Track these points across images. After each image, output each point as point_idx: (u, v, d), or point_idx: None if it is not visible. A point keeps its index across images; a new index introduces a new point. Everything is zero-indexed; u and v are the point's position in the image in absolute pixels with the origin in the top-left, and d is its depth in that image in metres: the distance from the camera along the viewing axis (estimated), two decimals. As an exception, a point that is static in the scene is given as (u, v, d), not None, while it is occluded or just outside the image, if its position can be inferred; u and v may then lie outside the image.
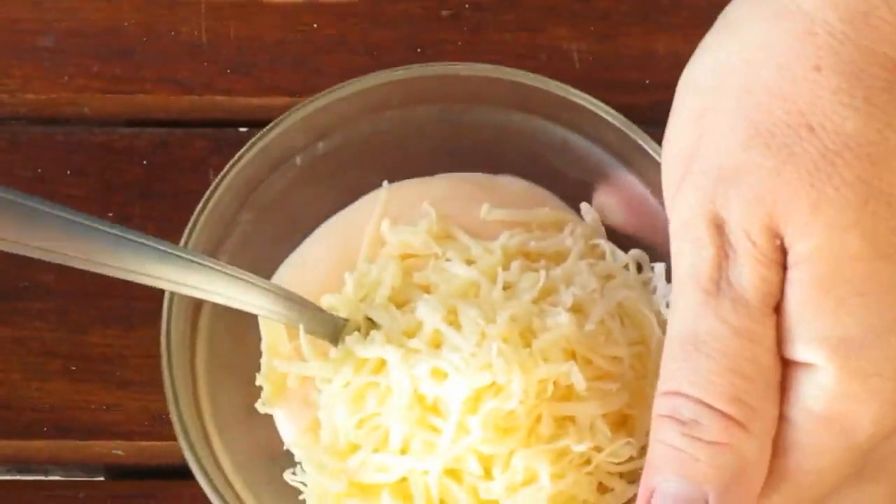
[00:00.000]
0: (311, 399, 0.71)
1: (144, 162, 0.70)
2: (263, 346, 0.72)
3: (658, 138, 0.64)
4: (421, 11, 0.82)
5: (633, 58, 0.82)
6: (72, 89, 0.80)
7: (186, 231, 0.69)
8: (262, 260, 0.72)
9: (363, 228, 0.74)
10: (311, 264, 0.74)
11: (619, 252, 0.72)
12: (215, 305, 0.68)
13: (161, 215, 0.78)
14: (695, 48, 0.60)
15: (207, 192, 0.69)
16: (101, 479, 0.76)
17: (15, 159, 0.79)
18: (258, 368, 0.72)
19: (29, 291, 0.77)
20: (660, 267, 0.71)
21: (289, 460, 0.71)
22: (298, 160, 0.72)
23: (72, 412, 0.76)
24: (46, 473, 0.77)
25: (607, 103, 0.71)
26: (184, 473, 0.74)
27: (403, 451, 0.67)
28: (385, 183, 0.74)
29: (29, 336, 0.76)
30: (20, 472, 0.77)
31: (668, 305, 0.70)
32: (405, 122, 0.73)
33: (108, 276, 0.75)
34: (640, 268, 0.73)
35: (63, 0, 0.80)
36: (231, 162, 0.70)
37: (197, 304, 0.70)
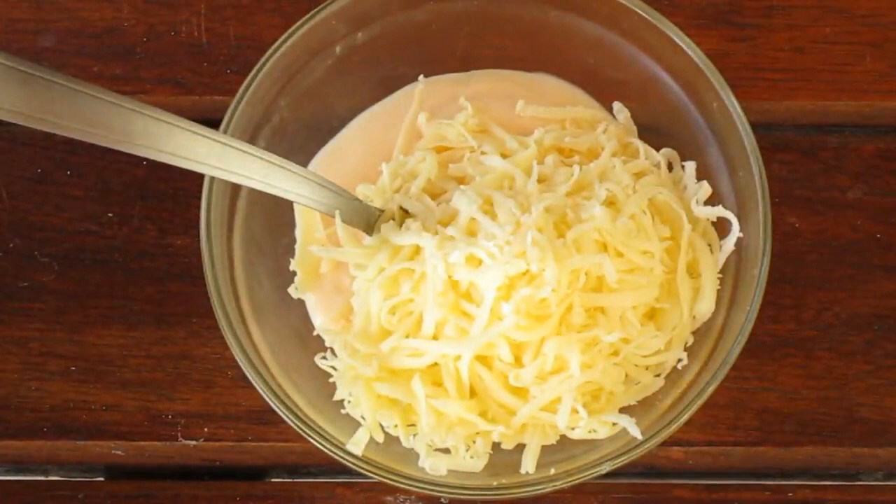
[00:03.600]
0: (343, 285, 0.72)
1: (144, 162, 0.70)
2: (298, 233, 0.73)
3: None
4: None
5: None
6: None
7: (227, 114, 0.69)
8: (297, 148, 0.73)
9: (399, 121, 0.74)
10: (346, 154, 0.74)
11: (652, 150, 0.73)
12: (252, 192, 0.69)
13: (161, 215, 0.78)
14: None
15: (248, 78, 0.70)
16: (101, 479, 0.77)
17: (15, 159, 0.78)
18: (292, 255, 0.73)
19: (29, 291, 0.77)
20: (690, 165, 0.72)
21: (319, 345, 0.72)
22: (338, 49, 0.72)
23: (72, 412, 0.76)
24: (46, 474, 0.77)
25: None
26: (183, 473, 0.76)
27: (435, 337, 0.68)
28: (421, 77, 0.75)
29: (29, 336, 0.77)
30: (20, 472, 0.77)
31: (697, 203, 0.71)
32: (443, 15, 0.73)
33: (107, 277, 0.77)
34: (670, 166, 0.73)
35: (63, 0, 0.80)
36: (272, 48, 0.70)
37: (234, 192, 0.71)
